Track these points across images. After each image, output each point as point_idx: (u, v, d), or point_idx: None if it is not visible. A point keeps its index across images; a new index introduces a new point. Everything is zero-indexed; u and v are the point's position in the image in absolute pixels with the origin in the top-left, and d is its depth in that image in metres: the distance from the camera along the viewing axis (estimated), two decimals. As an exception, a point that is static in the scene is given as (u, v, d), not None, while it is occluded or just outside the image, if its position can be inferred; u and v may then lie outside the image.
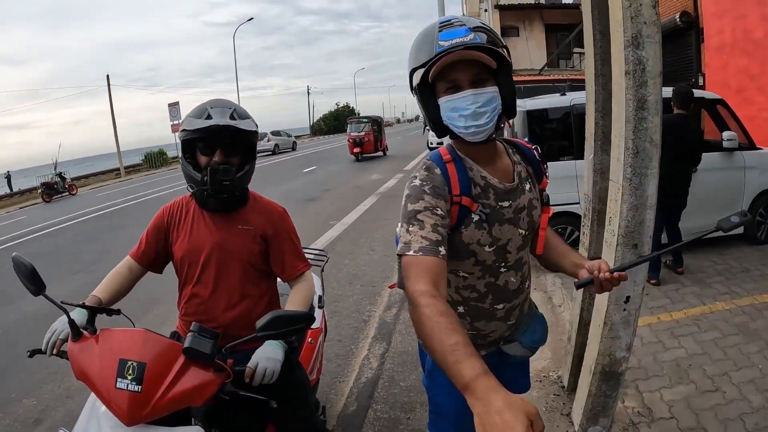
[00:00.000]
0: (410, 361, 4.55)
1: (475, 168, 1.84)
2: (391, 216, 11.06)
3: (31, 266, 2.00)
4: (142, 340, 1.88)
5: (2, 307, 8.11)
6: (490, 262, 1.90)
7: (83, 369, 1.88)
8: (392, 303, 5.92)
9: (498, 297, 1.97)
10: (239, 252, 2.33)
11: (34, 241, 14.37)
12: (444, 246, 1.63)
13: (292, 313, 1.97)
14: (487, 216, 1.81)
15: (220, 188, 2.20)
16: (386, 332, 5.23)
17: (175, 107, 44.62)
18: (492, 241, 1.85)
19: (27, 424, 4.51)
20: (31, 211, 24.30)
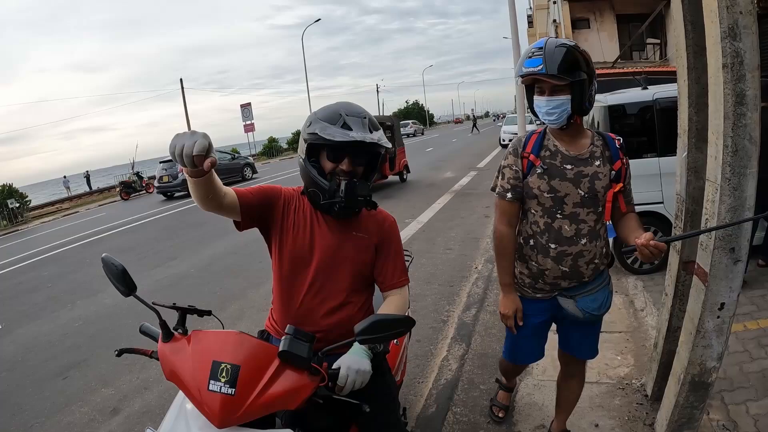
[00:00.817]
0: (490, 364, 4.47)
1: (551, 139, 2.65)
2: (466, 214, 10.98)
3: (121, 267, 2.02)
4: (236, 342, 1.86)
5: (84, 300, 8.49)
6: (548, 206, 2.62)
7: (175, 370, 1.89)
8: (471, 304, 5.85)
9: (552, 237, 2.63)
10: (351, 259, 2.29)
11: (114, 237, 15.03)
12: (511, 192, 2.70)
13: (392, 317, 1.91)
14: (546, 170, 2.58)
15: (356, 204, 2.19)
16: (465, 333, 5.16)
17: (248, 108, 45.64)
18: (550, 189, 2.58)
19: (105, 413, 4.70)
20: (109, 208, 25.33)
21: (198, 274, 9.07)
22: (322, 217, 2.29)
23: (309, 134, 2.13)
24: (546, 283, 2.75)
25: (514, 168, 2.68)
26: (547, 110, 2.50)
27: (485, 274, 6.83)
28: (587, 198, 2.56)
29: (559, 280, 2.71)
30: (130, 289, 2.03)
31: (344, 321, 2.27)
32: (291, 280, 2.30)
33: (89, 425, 4.56)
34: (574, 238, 2.60)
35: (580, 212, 2.59)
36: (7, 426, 4.78)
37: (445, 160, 24.51)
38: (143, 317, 2.11)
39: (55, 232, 19.74)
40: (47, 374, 5.80)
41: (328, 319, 2.27)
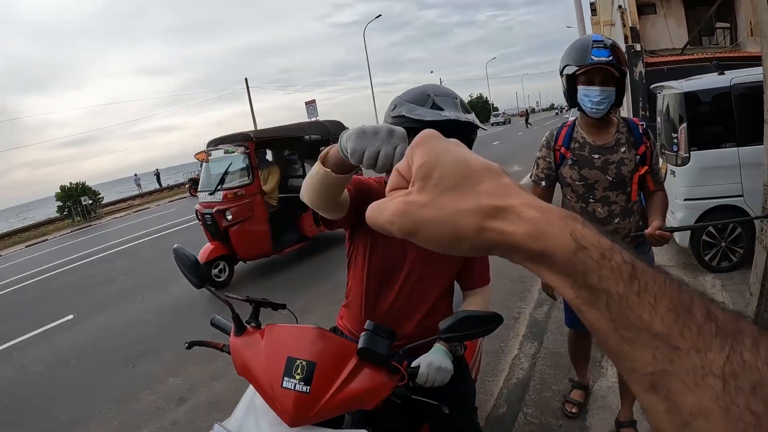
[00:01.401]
0: (563, 364, 4.21)
1: (580, 131, 2.86)
2: (535, 208, 10.57)
3: (194, 258, 1.93)
4: (313, 337, 1.76)
5: (155, 291, 8.71)
6: (581, 192, 2.86)
7: (247, 364, 1.79)
8: (543, 300, 5.58)
9: (587, 219, 2.21)
10: (447, 264, 2.11)
11: (183, 232, 15.48)
12: (545, 181, 2.96)
13: (480, 314, 1.73)
14: (576, 161, 2.81)
15: None
16: (537, 331, 4.94)
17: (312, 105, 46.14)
18: (581, 178, 2.82)
19: (172, 401, 4.75)
20: (179, 204, 26.15)
21: (272, 264, 9.13)
22: None
23: (394, 118, 1.87)
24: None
25: (547, 159, 2.97)
26: (600, 99, 2.65)
27: (557, 270, 6.47)
28: (615, 182, 2.78)
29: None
30: (203, 280, 1.94)
31: (429, 327, 2.06)
32: (378, 286, 2.12)
33: (156, 413, 4.62)
34: (608, 218, 2.83)
35: (611, 195, 2.81)
36: (76, 412, 4.93)
37: (512, 154, 24.11)
38: (214, 310, 2.02)
39: (126, 227, 20.45)
40: (116, 362, 5.96)
41: (413, 324, 2.11)
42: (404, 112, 1.84)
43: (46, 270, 13.79)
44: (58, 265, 14.10)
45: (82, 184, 29.33)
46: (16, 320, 8.88)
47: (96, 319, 7.90)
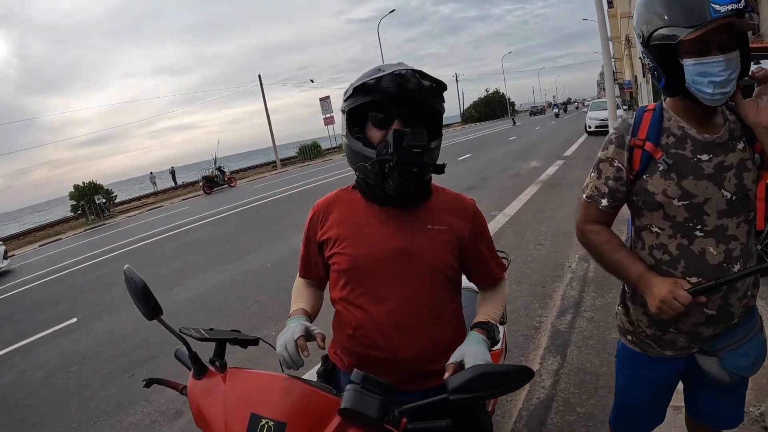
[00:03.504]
0: (588, 381, 3.86)
1: (673, 119, 1.79)
2: (556, 206, 10.24)
3: (142, 284, 1.57)
4: (283, 390, 1.40)
5: (159, 294, 8.24)
6: (681, 219, 1.77)
7: (204, 416, 1.46)
8: (566, 308, 5.23)
9: (692, 267, 1.77)
10: (431, 261, 1.75)
11: (194, 231, 15.32)
12: (609, 199, 1.87)
13: (501, 370, 1.40)
14: (672, 165, 1.75)
15: (411, 158, 1.60)
16: (561, 344, 4.53)
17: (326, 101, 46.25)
18: (682, 194, 1.74)
19: (167, 416, 4.52)
20: (193, 202, 26.29)
21: (275, 269, 8.85)
22: (381, 212, 1.78)
23: (345, 101, 1.74)
24: (680, 333, 1.90)
25: (616, 163, 1.85)
26: (727, 76, 1.60)
27: (580, 274, 6.17)
28: (736, 201, 1.75)
29: (702, 328, 1.86)
30: (154, 311, 1.58)
31: (432, 345, 1.76)
32: (354, 298, 1.78)
33: (151, 428, 4.39)
34: (724, 264, 1.77)
35: (729, 224, 1.76)
36: (71, 421, 4.81)
37: (529, 149, 23.77)
38: (214, 316, 1.67)
39: (138, 226, 20.47)
40: (116, 370, 5.78)
41: (410, 344, 1.73)
42: (352, 86, 1.71)
43: (54, 270, 13.72)
44: (67, 266, 14.02)
45: (93, 183, 29.47)
46: (21, 323, 8.79)
47: (99, 322, 7.74)
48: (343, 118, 1.75)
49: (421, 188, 1.79)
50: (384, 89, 1.62)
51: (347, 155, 1.80)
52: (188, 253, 11.75)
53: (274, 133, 43.35)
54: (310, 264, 1.97)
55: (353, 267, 1.76)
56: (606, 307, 5.16)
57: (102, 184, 29.98)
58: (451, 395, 1.33)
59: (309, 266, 1.98)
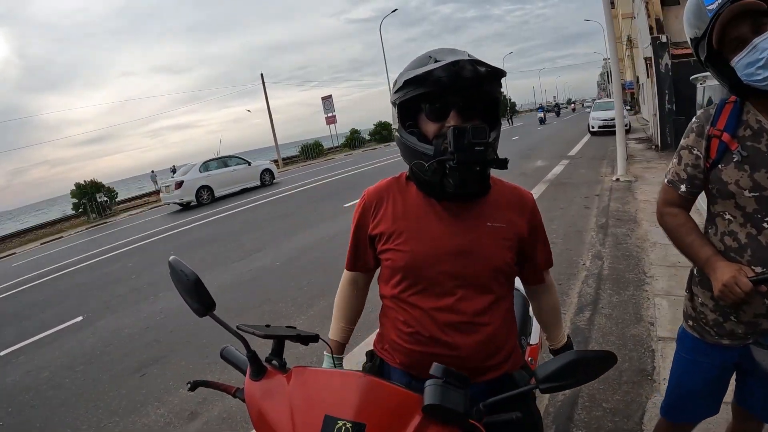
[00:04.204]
0: (612, 378, 3.82)
1: (752, 111, 1.80)
2: (565, 205, 10.18)
3: (194, 277, 1.49)
4: (359, 388, 1.33)
5: (167, 292, 8.47)
6: (750, 210, 1.80)
7: (268, 421, 1.37)
8: (584, 305, 5.18)
9: (757, 255, 1.79)
10: (491, 259, 1.68)
11: (198, 229, 15.25)
12: (687, 185, 1.94)
13: (592, 355, 1.34)
14: (746, 157, 1.78)
15: (473, 156, 1.52)
16: (581, 340, 4.49)
17: (328, 100, 46.32)
18: (753, 186, 1.77)
19: (182, 417, 4.41)
20: None
21: (283, 267, 8.77)
22: (439, 207, 1.70)
23: (396, 93, 1.64)
24: (740, 323, 1.92)
25: (695, 151, 1.91)
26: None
27: (595, 272, 6.12)
28: None
29: (761, 320, 1.87)
30: (207, 306, 1.50)
31: (489, 339, 1.69)
32: (404, 299, 1.72)
33: (165, 429, 4.28)
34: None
35: None
36: (79, 423, 4.69)
37: (533, 148, 23.75)
38: (225, 315, 1.60)
39: (140, 224, 20.41)
40: (125, 370, 5.67)
41: (467, 339, 1.67)
42: (403, 78, 1.60)
43: (58, 268, 13.63)
44: (70, 264, 13.95)
45: (93, 181, 29.34)
46: (26, 321, 8.69)
47: (106, 320, 7.65)
48: (395, 112, 1.68)
49: (484, 183, 1.70)
50: (438, 79, 1.52)
51: (401, 151, 1.71)
52: (194, 251, 11.67)
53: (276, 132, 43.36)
54: (360, 256, 1.89)
55: (411, 265, 1.69)
56: (623, 304, 5.13)
57: (103, 183, 29.93)
58: (541, 384, 1.29)
59: (358, 258, 1.90)
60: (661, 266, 5.93)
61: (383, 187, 1.81)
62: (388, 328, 1.80)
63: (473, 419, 1.28)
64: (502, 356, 1.74)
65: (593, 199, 10.73)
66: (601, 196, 10.88)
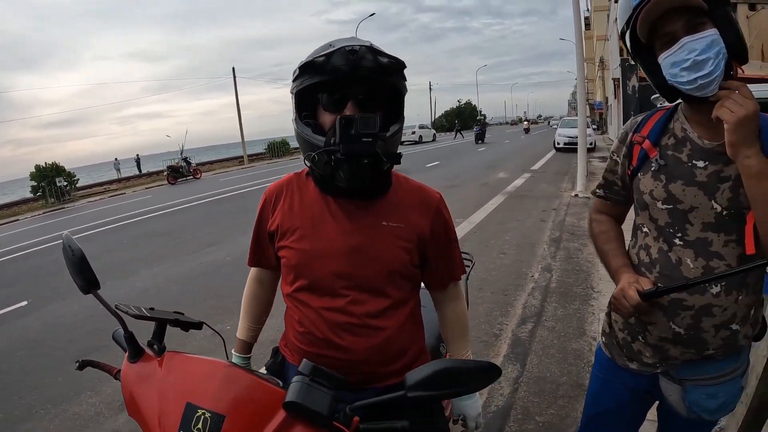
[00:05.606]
0: (548, 390, 3.85)
1: (680, 119, 1.71)
2: (522, 217, 10.31)
3: (80, 253, 1.45)
4: (224, 379, 1.27)
5: (115, 281, 8.31)
6: (662, 224, 1.72)
7: (137, 403, 1.35)
8: (527, 317, 5.24)
9: (665, 273, 1.70)
10: (384, 260, 1.61)
11: (154, 220, 15.06)
12: (605, 190, 1.96)
13: (465, 366, 1.27)
14: (663, 166, 1.70)
15: (359, 148, 1.45)
16: (521, 352, 4.52)
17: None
18: (667, 197, 1.68)
19: (113, 408, 4.36)
20: (155, 191, 26.00)
21: (234, 262, 8.67)
22: (335, 205, 1.64)
23: (294, 81, 1.57)
24: (647, 345, 1.81)
25: (614, 157, 1.87)
26: (694, 59, 1.50)
27: (542, 284, 6.20)
28: (726, 217, 1.62)
29: (668, 345, 1.75)
30: (90, 284, 1.46)
31: (385, 344, 1.64)
32: (298, 298, 1.68)
33: (94, 419, 4.22)
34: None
35: (713, 239, 1.64)
36: (13, 408, 4.60)
37: (498, 160, 23.96)
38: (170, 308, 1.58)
39: (99, 211, 20.04)
40: (64, 358, 5.54)
41: (361, 342, 1.62)
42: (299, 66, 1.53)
43: (8, 252, 13.29)
44: (22, 248, 13.58)
45: (55, 164, 28.75)
46: (-34, 303, 8.39)
47: (51, 307, 7.47)
48: (293, 101, 1.60)
49: (379, 180, 1.63)
50: (335, 68, 1.45)
51: (298, 142, 1.63)
52: (147, 243, 11.51)
53: (246, 128, 42.97)
54: (261, 252, 1.85)
55: (303, 263, 1.64)
56: (567, 318, 5.20)
57: (64, 167, 29.32)
58: (410, 392, 1.22)
59: (260, 254, 1.86)
60: (609, 282, 5.86)
61: (284, 182, 1.75)
62: (287, 327, 1.76)
63: (339, 422, 1.23)
64: (404, 363, 1.67)
65: (550, 213, 10.85)
66: (558, 210, 11.00)
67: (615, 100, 30.33)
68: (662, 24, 1.56)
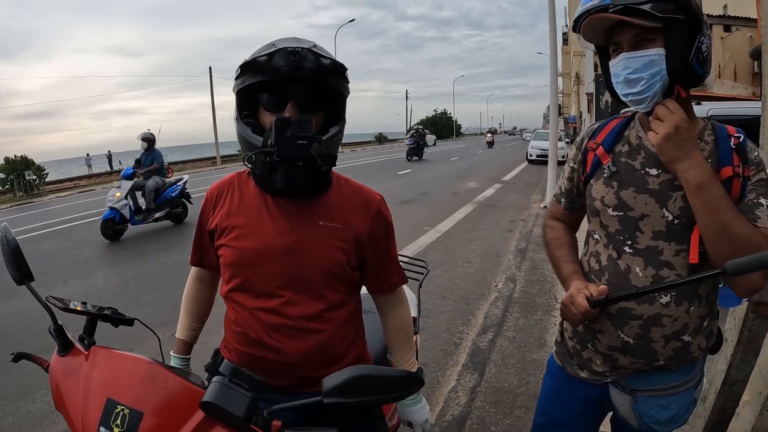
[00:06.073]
0: (505, 401, 3.86)
1: (636, 127, 1.70)
2: (489, 227, 10.37)
3: (15, 244, 1.48)
4: (144, 375, 1.29)
5: (77, 279, 8.24)
6: (613, 231, 1.70)
7: (62, 397, 1.37)
8: (488, 326, 5.26)
9: (613, 281, 1.68)
10: (319, 261, 1.61)
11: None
12: (565, 198, 1.92)
13: (383, 374, 1.26)
14: (615, 173, 1.68)
15: (294, 150, 1.44)
16: (479, 361, 4.53)
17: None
18: (618, 204, 1.66)
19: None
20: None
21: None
22: (273, 203, 1.64)
23: (235, 80, 1.57)
24: (597, 353, 1.78)
25: (571, 164, 1.86)
26: (626, 77, 1.54)
27: (506, 294, 6.23)
28: (678, 226, 1.59)
29: (617, 354, 1.72)
30: (24, 276, 1.49)
31: (321, 346, 1.64)
32: (234, 298, 1.68)
33: (48, 417, 4.15)
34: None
35: (664, 248, 1.62)
36: None
37: (469, 170, 24.10)
38: (127, 306, 1.58)
39: (66, 207, 19.78)
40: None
41: (296, 345, 1.62)
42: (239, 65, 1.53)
43: (-30, 245, 12.97)
44: (-17, 241, 13.29)
45: (24, 157, 28.25)
46: None
47: (12, 302, 7.26)
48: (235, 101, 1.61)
49: (317, 180, 1.63)
50: (276, 68, 1.46)
51: (239, 142, 1.62)
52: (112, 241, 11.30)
53: (220, 129, 42.57)
54: (202, 252, 1.84)
55: (239, 262, 1.64)
56: (528, 328, 5.23)
57: (33, 160, 28.87)
58: (326, 398, 1.21)
59: (201, 254, 1.85)
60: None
61: (225, 181, 1.75)
62: (226, 328, 1.76)
63: (257, 426, 1.25)
64: (340, 368, 1.64)
65: (518, 223, 10.94)
66: (526, 221, 11.09)
67: (588, 114, 30.75)
68: (613, 32, 1.56)
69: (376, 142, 70.12)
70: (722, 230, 1.47)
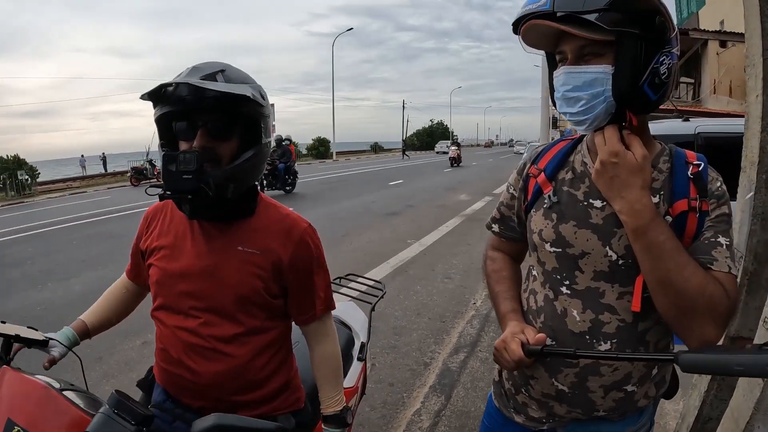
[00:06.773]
0: (470, 426, 3.76)
1: (583, 151, 1.50)
2: (474, 242, 10.26)
3: None
4: (38, 399, 1.33)
5: (55, 283, 8.17)
6: (549, 268, 1.51)
7: None
8: (461, 346, 5.17)
9: (548, 324, 1.50)
10: (233, 285, 1.61)
11: (109, 222, 14.82)
12: (499, 225, 1.76)
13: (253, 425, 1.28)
14: (556, 204, 1.48)
15: (180, 186, 1.46)
16: (448, 383, 4.43)
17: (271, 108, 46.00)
18: (556, 239, 1.46)
19: None
20: (117, 192, 25.82)
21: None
22: (197, 227, 1.66)
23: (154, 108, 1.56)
24: (532, 399, 1.62)
25: (511, 190, 1.68)
26: (564, 93, 1.35)
27: (483, 312, 6.13)
28: (623, 267, 1.40)
29: (552, 402, 1.56)
30: None
31: (235, 371, 1.64)
32: (157, 316, 1.72)
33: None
34: (587, 337, 1.44)
35: (606, 291, 1.43)
36: None
37: (461, 182, 24.04)
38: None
39: (57, 208, 19.73)
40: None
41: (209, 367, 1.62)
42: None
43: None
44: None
45: (16, 157, 28.25)
46: None
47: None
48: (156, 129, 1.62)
49: (233, 206, 1.63)
50: (180, 98, 1.45)
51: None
52: (97, 244, 11.27)
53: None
54: (137, 270, 1.90)
55: (162, 281, 1.68)
56: (502, 350, 5.13)
57: (26, 160, 28.93)
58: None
59: (136, 271, 1.92)
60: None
61: (160, 204, 1.75)
62: (156, 346, 1.77)
63: None
64: (263, 394, 1.70)
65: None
66: (511, 237, 10.91)
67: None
68: (559, 40, 1.36)
69: (371, 151, 70.35)
70: (664, 281, 1.28)
